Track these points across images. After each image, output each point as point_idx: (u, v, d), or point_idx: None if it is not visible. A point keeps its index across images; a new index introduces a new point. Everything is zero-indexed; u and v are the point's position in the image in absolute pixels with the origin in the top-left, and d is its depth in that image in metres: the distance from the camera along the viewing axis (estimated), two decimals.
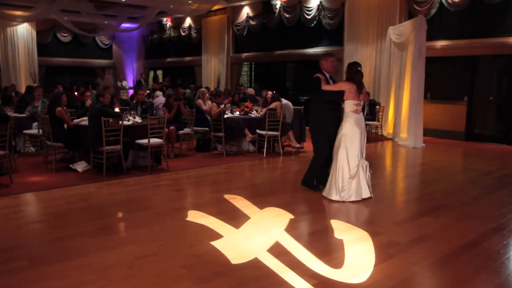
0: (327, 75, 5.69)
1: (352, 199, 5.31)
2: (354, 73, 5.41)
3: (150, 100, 10.26)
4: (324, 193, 5.52)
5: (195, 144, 9.05)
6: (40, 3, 13.25)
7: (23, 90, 12.75)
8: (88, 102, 8.41)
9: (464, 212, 5.05)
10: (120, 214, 4.97)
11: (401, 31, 10.62)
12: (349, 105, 5.42)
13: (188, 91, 13.33)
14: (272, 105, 8.59)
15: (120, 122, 6.54)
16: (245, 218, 4.66)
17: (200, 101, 9.11)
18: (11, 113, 8.19)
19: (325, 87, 5.49)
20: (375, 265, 3.48)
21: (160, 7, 12.98)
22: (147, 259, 3.55)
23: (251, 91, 12.65)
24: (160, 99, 9.35)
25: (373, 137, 11.13)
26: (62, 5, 12.64)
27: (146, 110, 8.31)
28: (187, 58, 18.61)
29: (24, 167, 7.12)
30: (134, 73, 20.75)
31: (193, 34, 17.87)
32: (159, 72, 20.85)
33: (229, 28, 16.22)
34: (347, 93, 5.40)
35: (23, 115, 8.72)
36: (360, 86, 5.41)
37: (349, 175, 5.31)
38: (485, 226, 4.47)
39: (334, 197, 5.34)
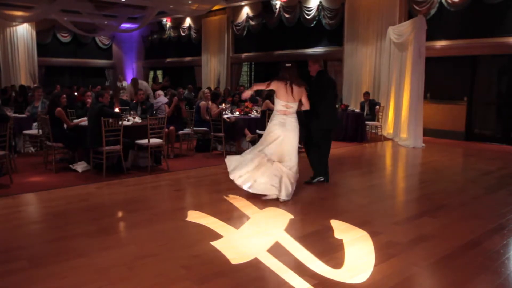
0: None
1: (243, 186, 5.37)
2: (283, 71, 5.47)
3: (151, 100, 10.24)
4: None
5: (195, 144, 9.05)
6: (40, 3, 13.25)
7: None
8: (89, 102, 8.40)
9: (464, 212, 5.05)
10: (120, 214, 4.97)
11: (401, 31, 10.62)
12: (277, 105, 5.51)
13: (186, 91, 13.29)
14: (263, 106, 8.61)
15: (120, 122, 6.54)
16: (245, 218, 4.66)
17: (203, 102, 9.08)
18: (11, 113, 8.18)
19: (256, 85, 5.90)
20: (375, 265, 3.48)
21: (160, 7, 12.98)
22: (147, 259, 3.54)
23: None
24: (162, 98, 9.34)
25: (373, 137, 11.13)
26: (62, 5, 12.65)
27: (146, 110, 8.32)
28: (187, 58, 18.61)
29: (24, 167, 7.12)
30: (134, 73, 20.74)
31: (193, 34, 17.87)
32: (159, 72, 20.85)
33: (229, 28, 16.22)
34: (276, 93, 5.48)
35: (23, 115, 8.72)
36: (293, 84, 5.38)
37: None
38: (485, 226, 4.46)
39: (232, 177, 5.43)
